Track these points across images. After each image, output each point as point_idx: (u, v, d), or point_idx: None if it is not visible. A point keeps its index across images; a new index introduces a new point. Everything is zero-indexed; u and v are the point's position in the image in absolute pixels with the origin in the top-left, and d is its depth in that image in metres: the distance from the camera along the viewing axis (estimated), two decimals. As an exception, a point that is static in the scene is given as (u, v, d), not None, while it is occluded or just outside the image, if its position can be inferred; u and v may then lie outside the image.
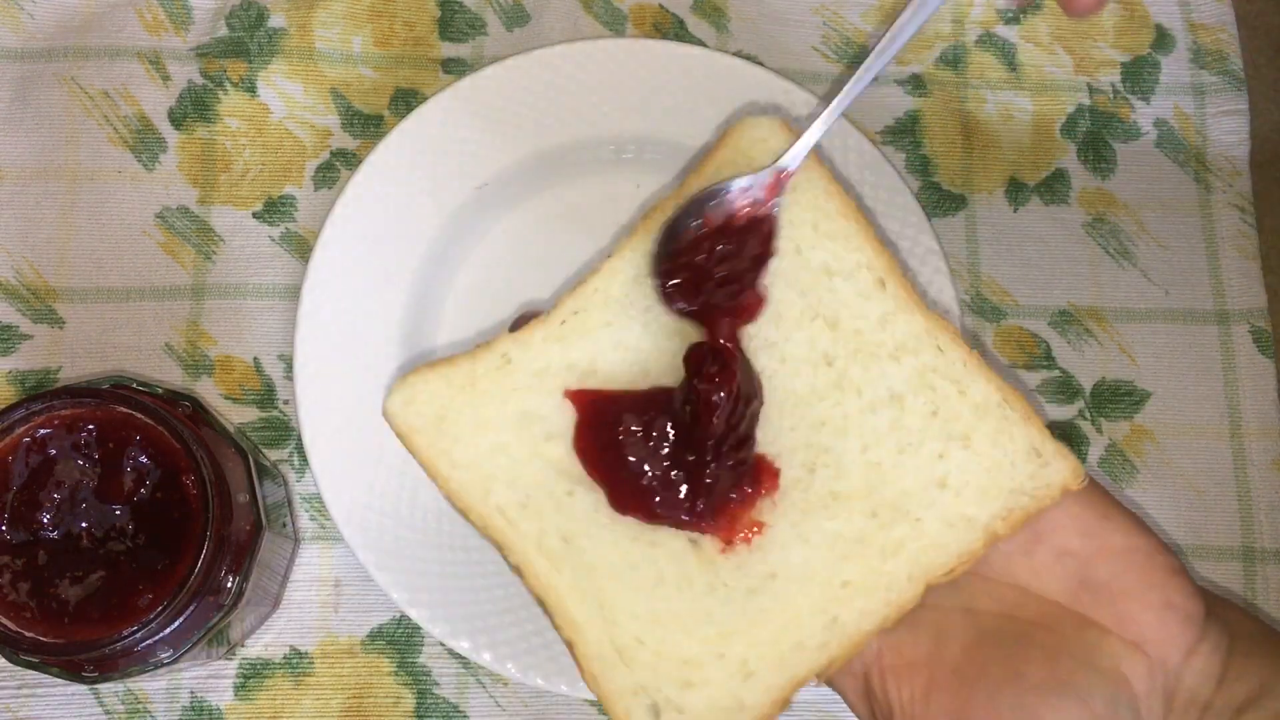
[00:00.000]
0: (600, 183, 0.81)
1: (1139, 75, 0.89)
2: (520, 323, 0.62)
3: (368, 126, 0.84)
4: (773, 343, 0.59)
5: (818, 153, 0.61)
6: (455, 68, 0.86)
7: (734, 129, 0.61)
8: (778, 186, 0.59)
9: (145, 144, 0.84)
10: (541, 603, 0.57)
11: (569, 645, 0.57)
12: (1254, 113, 0.88)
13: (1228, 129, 0.88)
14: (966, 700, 0.52)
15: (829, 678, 0.57)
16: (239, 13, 0.86)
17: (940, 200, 0.85)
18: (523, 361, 0.60)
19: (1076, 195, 0.86)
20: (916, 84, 0.87)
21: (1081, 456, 0.81)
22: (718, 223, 0.59)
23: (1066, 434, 0.81)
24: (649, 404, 0.58)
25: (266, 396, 0.80)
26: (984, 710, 0.52)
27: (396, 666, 0.76)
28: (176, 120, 0.84)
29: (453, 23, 0.87)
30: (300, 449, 0.79)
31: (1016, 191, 0.86)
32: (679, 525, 0.57)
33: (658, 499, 0.57)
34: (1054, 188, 0.86)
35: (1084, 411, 0.82)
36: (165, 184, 0.83)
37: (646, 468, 0.57)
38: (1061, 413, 0.82)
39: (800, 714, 0.76)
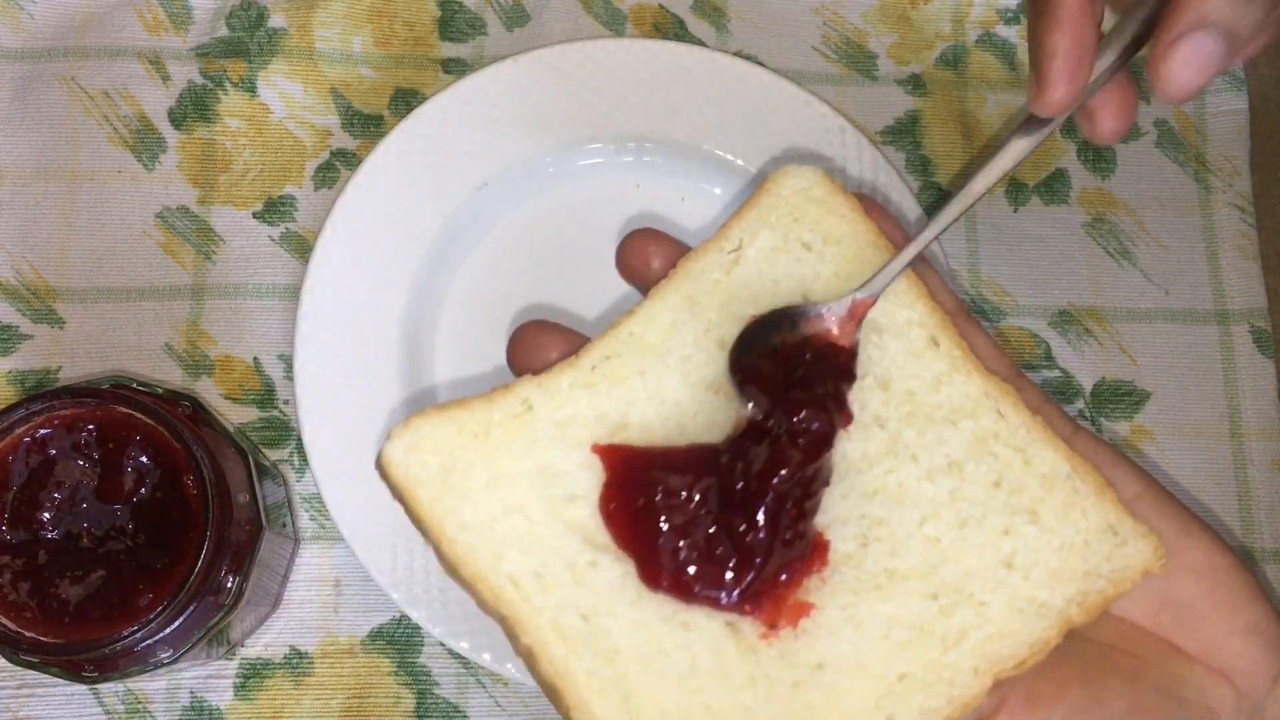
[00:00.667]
0: (600, 183, 0.81)
1: (1139, 75, 0.88)
2: (519, 334, 0.56)
3: (368, 126, 0.84)
4: None
5: (856, 200, 0.57)
6: (455, 68, 0.86)
7: (774, 176, 0.57)
8: (855, 315, 0.54)
9: (145, 144, 0.84)
10: (554, 694, 0.50)
11: None
12: (1253, 113, 0.88)
13: (1228, 129, 0.88)
14: None
15: None
16: (239, 13, 0.86)
17: (940, 200, 0.85)
18: (546, 409, 0.53)
19: (1076, 195, 0.86)
20: (916, 84, 0.87)
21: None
22: (795, 342, 0.53)
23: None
24: (690, 462, 0.51)
25: (266, 396, 0.80)
26: None
27: (396, 666, 0.76)
28: (176, 120, 0.84)
29: (453, 23, 0.87)
30: (300, 449, 0.79)
31: (1016, 191, 0.86)
32: (718, 606, 0.51)
33: (696, 573, 0.50)
34: (1054, 188, 0.86)
35: (1084, 411, 0.82)
36: (165, 184, 0.83)
37: (685, 536, 0.50)
38: (1061, 413, 0.82)
39: None
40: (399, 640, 0.77)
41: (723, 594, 0.50)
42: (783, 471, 0.50)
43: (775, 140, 0.80)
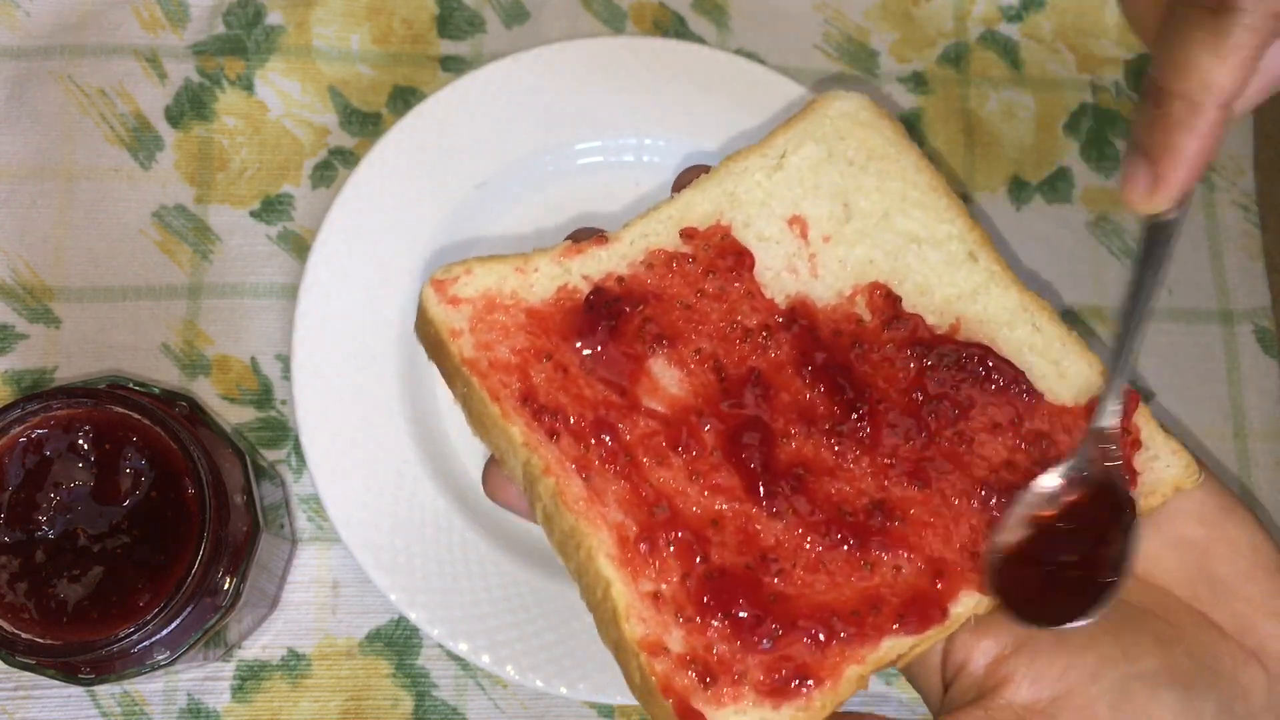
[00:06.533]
0: (599, 181, 0.81)
1: (1142, 73, 0.88)
2: (579, 235, 0.57)
3: (366, 125, 0.84)
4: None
5: (903, 127, 0.59)
6: (454, 66, 0.85)
7: (822, 98, 0.58)
8: (1105, 451, 0.52)
9: (142, 142, 0.83)
10: (574, 537, 0.49)
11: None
12: (1257, 112, 0.88)
13: (1231, 128, 0.87)
14: (1065, 668, 0.48)
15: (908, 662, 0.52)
16: (236, 10, 0.85)
17: (942, 199, 0.85)
18: (583, 275, 0.54)
19: (1079, 194, 0.86)
20: (919, 82, 0.87)
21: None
22: (1053, 515, 0.52)
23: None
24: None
25: (264, 396, 0.80)
26: (1082, 683, 0.48)
27: (395, 668, 0.76)
28: (173, 118, 0.84)
29: (451, 20, 0.86)
30: (298, 449, 0.78)
31: (1019, 190, 0.86)
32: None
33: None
34: (1057, 186, 0.86)
35: (1087, 411, 0.81)
36: (162, 183, 0.83)
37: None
38: (1064, 413, 0.81)
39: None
40: (397, 642, 0.76)
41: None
42: None
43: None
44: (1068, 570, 0.51)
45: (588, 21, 0.86)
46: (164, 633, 0.62)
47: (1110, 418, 0.53)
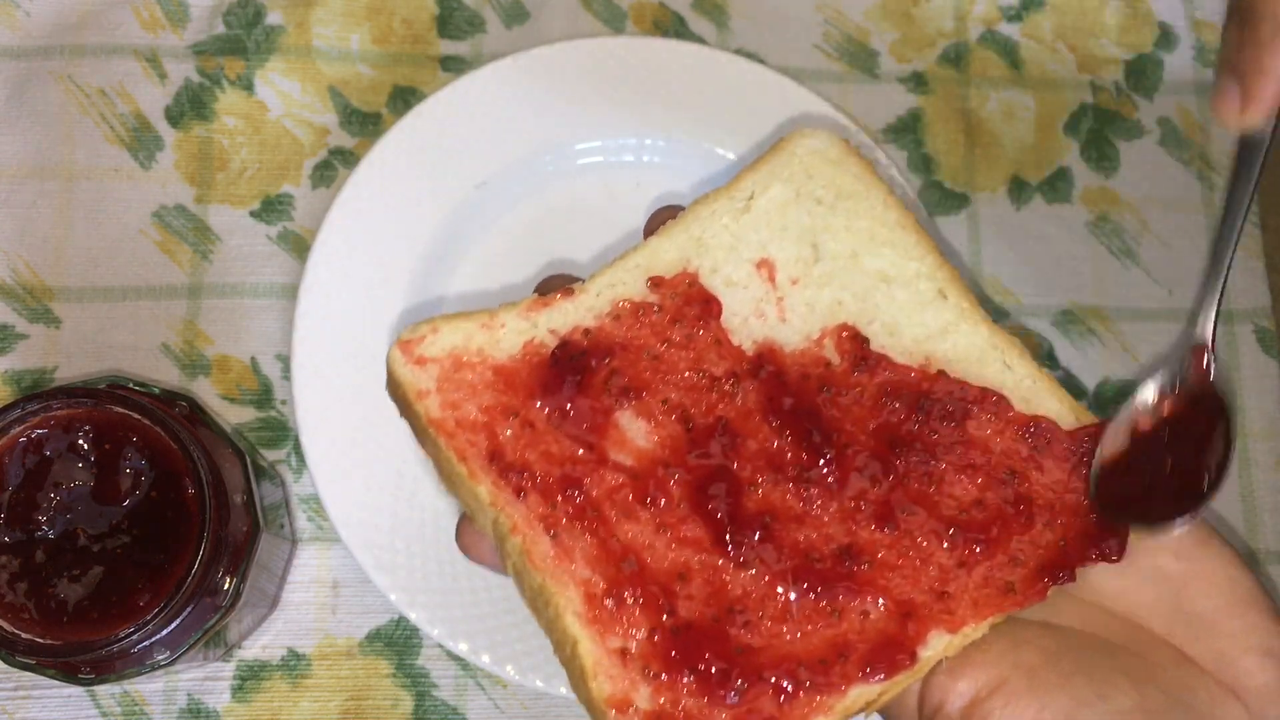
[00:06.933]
0: (600, 182, 0.81)
1: (1142, 73, 0.88)
2: (546, 286, 0.56)
3: (366, 125, 0.84)
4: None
5: (876, 170, 0.58)
6: (454, 65, 0.85)
7: (790, 136, 0.58)
8: (1201, 361, 0.55)
9: (142, 142, 0.83)
10: (542, 595, 0.50)
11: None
12: (1258, 111, 0.88)
13: (1231, 127, 0.87)
14: (1039, 710, 0.48)
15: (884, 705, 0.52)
16: (236, 10, 0.85)
17: (943, 199, 0.85)
18: (549, 328, 0.53)
19: (1079, 194, 0.86)
20: (918, 82, 0.87)
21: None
22: (1153, 425, 0.54)
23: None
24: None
25: (264, 396, 0.80)
26: None
27: (395, 668, 0.76)
28: (173, 118, 0.84)
29: (451, 20, 0.86)
30: (298, 449, 0.78)
31: (1019, 190, 0.86)
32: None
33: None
34: (1057, 186, 0.86)
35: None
36: (162, 183, 0.83)
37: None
38: (1064, 413, 0.81)
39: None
40: (397, 642, 0.76)
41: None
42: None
43: (777, 138, 0.79)
44: (1168, 478, 0.52)
45: (588, 21, 0.86)
46: (164, 633, 0.62)
47: (1205, 328, 0.55)
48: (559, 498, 0.49)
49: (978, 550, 0.50)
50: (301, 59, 0.85)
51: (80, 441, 0.63)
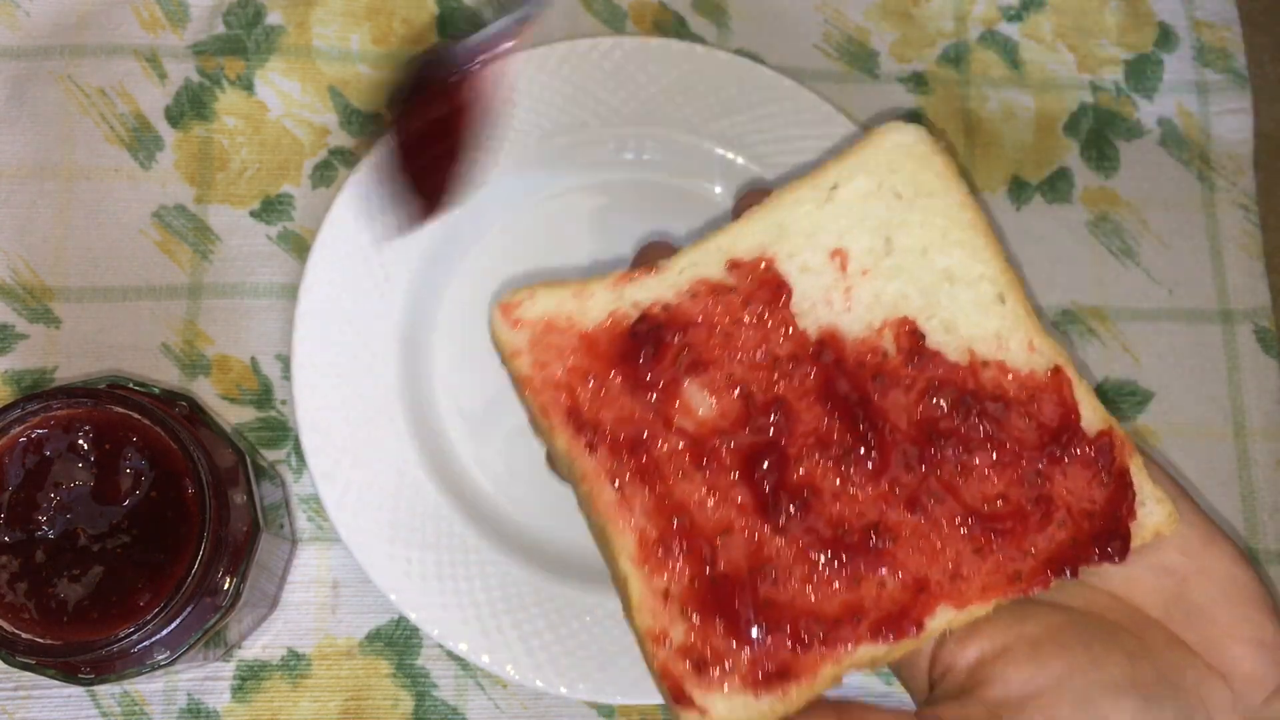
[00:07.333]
0: (600, 182, 0.81)
1: (1142, 73, 0.88)
2: (645, 254, 0.59)
3: (366, 125, 0.84)
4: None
5: (954, 162, 0.60)
6: (454, 65, 0.85)
7: (879, 130, 0.60)
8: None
9: (142, 142, 0.83)
10: (602, 535, 0.54)
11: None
12: (1258, 111, 0.88)
13: (1231, 127, 0.87)
14: (1037, 671, 0.51)
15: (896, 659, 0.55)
16: (236, 10, 0.85)
17: (942, 199, 0.85)
18: (635, 302, 0.56)
19: (1079, 194, 0.86)
20: (918, 82, 0.87)
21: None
22: None
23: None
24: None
25: (264, 396, 0.80)
26: (1050, 686, 0.51)
27: (395, 668, 0.76)
28: (173, 118, 0.84)
29: (452, 20, 0.86)
30: (298, 449, 0.78)
31: (1019, 190, 0.86)
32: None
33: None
34: (1057, 186, 0.86)
35: (1087, 411, 0.81)
36: (162, 182, 0.83)
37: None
38: (1064, 413, 0.81)
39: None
40: (397, 642, 0.76)
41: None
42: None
43: (776, 139, 0.80)
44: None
45: (588, 21, 0.86)
46: (164, 633, 0.62)
47: None
48: (625, 455, 0.54)
49: (994, 541, 0.54)
50: (301, 59, 0.85)
51: (80, 441, 0.63)
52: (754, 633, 0.52)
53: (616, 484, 0.54)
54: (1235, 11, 0.90)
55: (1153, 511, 0.55)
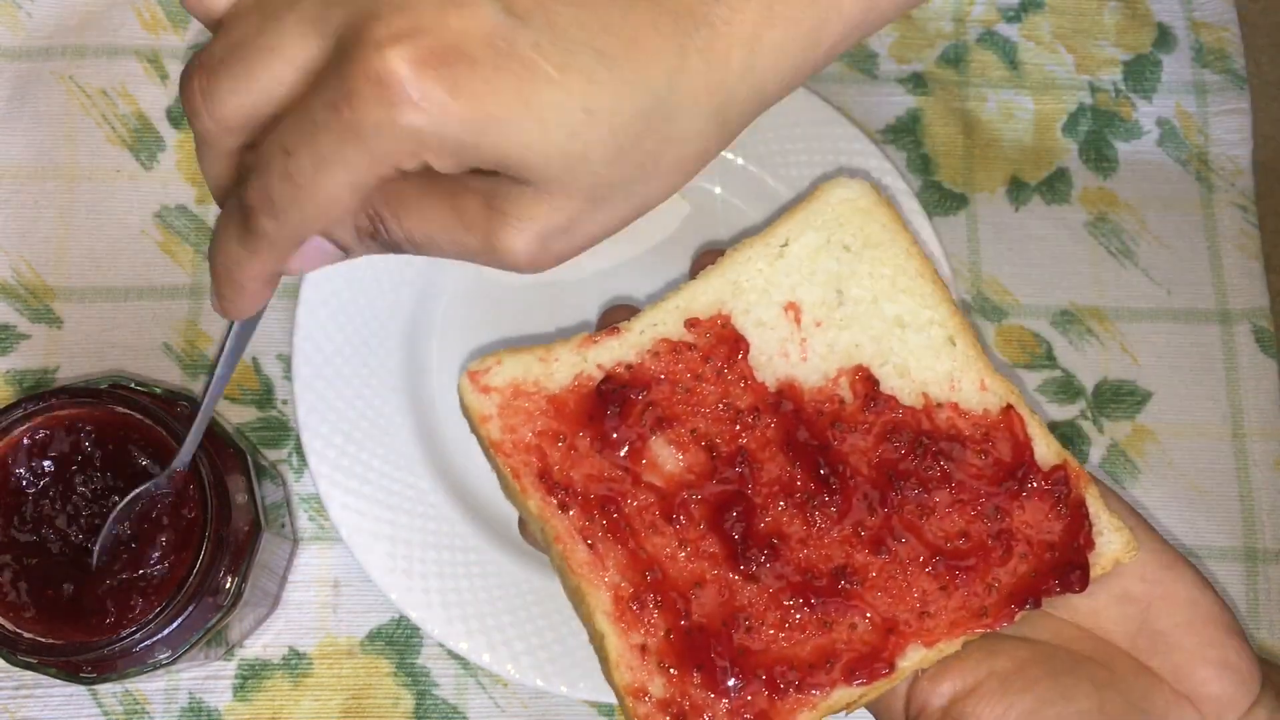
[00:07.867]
0: (600, 182, 0.81)
1: (1141, 74, 0.88)
2: (609, 317, 0.60)
3: (367, 125, 0.84)
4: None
5: (898, 212, 0.62)
6: (455, 66, 0.85)
7: (825, 186, 0.62)
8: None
9: (144, 143, 0.83)
10: (578, 596, 0.56)
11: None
12: (1256, 112, 0.88)
13: (1230, 128, 0.87)
14: (1008, 708, 0.52)
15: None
16: (237, 11, 0.85)
17: (941, 199, 0.85)
18: (596, 364, 0.58)
19: (1078, 194, 0.86)
20: (917, 82, 0.87)
21: (1083, 457, 0.81)
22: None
23: (1067, 434, 0.81)
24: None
25: (265, 396, 0.80)
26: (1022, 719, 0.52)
27: (396, 667, 0.76)
28: (175, 119, 0.84)
29: (452, 21, 0.86)
30: (299, 449, 0.79)
31: (1018, 190, 0.86)
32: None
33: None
34: (1055, 187, 0.86)
35: (1085, 411, 0.82)
36: (164, 183, 0.83)
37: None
38: (1063, 413, 0.82)
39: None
40: (398, 641, 0.76)
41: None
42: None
43: (775, 138, 0.80)
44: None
45: (588, 22, 0.86)
46: (165, 632, 0.62)
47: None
48: (596, 513, 0.56)
49: (959, 578, 0.56)
50: (302, 60, 0.85)
51: (82, 442, 0.64)
52: (731, 683, 0.54)
53: (590, 542, 0.55)
54: (1234, 12, 0.90)
55: (1111, 540, 0.56)
